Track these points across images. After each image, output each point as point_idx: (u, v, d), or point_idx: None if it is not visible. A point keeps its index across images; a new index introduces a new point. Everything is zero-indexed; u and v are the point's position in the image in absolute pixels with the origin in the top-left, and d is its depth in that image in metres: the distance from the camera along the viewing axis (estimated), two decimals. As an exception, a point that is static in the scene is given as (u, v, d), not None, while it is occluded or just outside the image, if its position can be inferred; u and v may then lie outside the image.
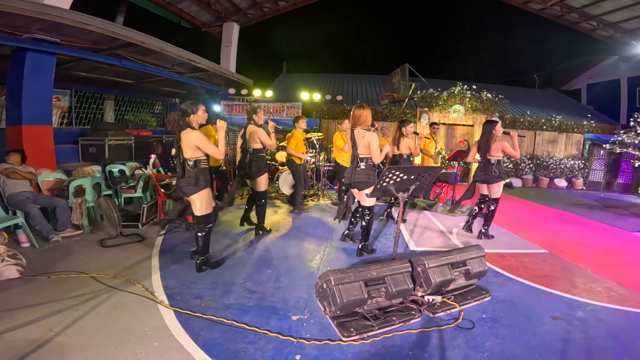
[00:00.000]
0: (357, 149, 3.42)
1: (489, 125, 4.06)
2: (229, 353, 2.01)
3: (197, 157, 2.90)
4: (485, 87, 10.03)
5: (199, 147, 2.86)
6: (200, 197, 2.95)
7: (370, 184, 3.38)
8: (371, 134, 3.35)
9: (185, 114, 2.88)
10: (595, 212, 6.28)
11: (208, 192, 3.00)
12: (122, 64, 5.83)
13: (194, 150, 2.86)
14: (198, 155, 2.90)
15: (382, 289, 2.42)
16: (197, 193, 2.92)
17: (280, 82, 13.89)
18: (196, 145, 2.84)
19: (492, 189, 4.14)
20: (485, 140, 4.06)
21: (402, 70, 10.30)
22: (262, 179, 3.97)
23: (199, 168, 2.91)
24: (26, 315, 2.28)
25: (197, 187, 2.91)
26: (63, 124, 7.46)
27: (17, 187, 3.76)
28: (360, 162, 3.41)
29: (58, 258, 3.30)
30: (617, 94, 13.03)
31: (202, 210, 2.99)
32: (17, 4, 3.58)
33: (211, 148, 2.91)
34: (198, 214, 2.99)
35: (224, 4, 10.63)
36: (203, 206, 2.98)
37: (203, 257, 3.11)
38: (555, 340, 2.23)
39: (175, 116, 2.88)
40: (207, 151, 2.91)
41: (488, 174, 4.09)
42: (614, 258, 3.85)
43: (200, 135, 2.86)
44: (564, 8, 10.55)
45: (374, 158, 3.37)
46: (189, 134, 2.83)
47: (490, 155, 4.05)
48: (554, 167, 9.62)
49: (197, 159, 2.90)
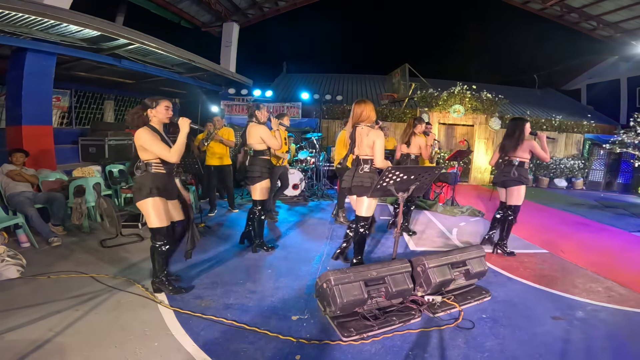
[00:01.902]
0: (358, 149, 2.98)
1: (521, 122, 3.58)
2: (229, 353, 2.01)
3: (148, 159, 2.48)
4: (485, 87, 10.03)
5: (145, 148, 2.43)
6: (144, 206, 2.48)
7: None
8: (376, 132, 2.90)
9: (145, 107, 2.51)
10: (595, 212, 6.28)
11: (154, 202, 2.48)
12: (122, 64, 5.84)
13: (142, 151, 2.46)
14: (148, 157, 2.48)
15: (382, 289, 2.42)
16: (139, 202, 2.50)
17: (280, 82, 13.88)
18: (141, 145, 2.43)
19: (510, 193, 3.62)
20: (516, 139, 3.55)
21: (402, 70, 10.30)
22: (262, 186, 3.48)
23: (148, 172, 2.48)
24: (26, 315, 2.28)
25: (140, 195, 2.47)
26: (63, 124, 7.47)
27: (18, 187, 3.76)
28: (364, 164, 2.96)
29: (58, 258, 3.30)
30: (617, 94, 13.02)
31: (150, 222, 2.51)
32: (17, 4, 3.58)
33: (158, 149, 2.43)
34: (149, 226, 2.55)
35: (224, 4, 10.63)
36: (149, 218, 2.51)
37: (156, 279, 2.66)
38: (555, 340, 2.23)
39: (135, 110, 2.53)
40: (154, 152, 2.44)
41: (506, 176, 3.60)
42: (614, 258, 3.85)
43: (145, 133, 2.42)
44: (563, 8, 10.56)
45: (376, 161, 2.92)
46: (138, 133, 2.43)
47: (514, 155, 3.58)
48: (554, 167, 9.62)
49: (148, 161, 2.49)
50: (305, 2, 11.81)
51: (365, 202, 2.96)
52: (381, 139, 2.88)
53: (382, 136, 2.90)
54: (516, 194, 3.60)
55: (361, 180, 2.94)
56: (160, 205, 2.51)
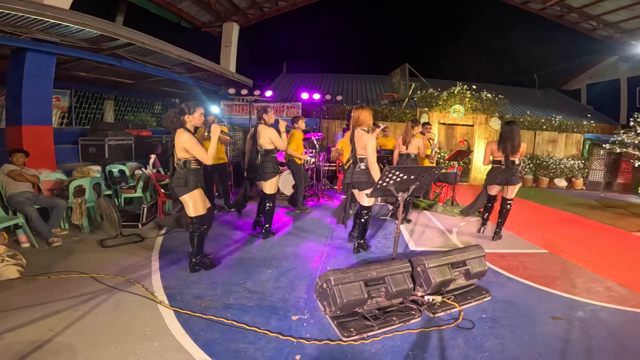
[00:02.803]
0: (355, 149, 3.40)
1: (517, 126, 4.03)
2: (229, 353, 2.01)
3: (187, 157, 2.90)
4: (485, 87, 10.02)
5: (187, 150, 2.86)
6: (192, 197, 2.93)
7: (370, 184, 3.35)
8: (369, 136, 3.32)
9: (182, 113, 2.89)
10: (595, 212, 6.28)
11: (199, 193, 2.98)
12: (122, 64, 5.84)
13: (183, 152, 2.86)
14: (187, 156, 2.89)
15: (382, 289, 2.42)
16: (187, 194, 2.91)
17: (280, 82, 13.88)
18: (184, 148, 2.84)
19: (513, 190, 4.15)
20: (517, 142, 3.99)
21: (402, 70, 10.30)
22: (273, 181, 3.90)
23: (188, 168, 2.90)
24: (26, 315, 2.28)
25: (187, 188, 2.89)
26: (63, 124, 7.47)
27: (18, 187, 3.75)
28: (360, 162, 3.40)
29: (58, 258, 3.30)
30: (617, 94, 13.03)
31: (195, 211, 2.97)
32: (17, 4, 3.58)
33: (200, 152, 2.87)
34: (191, 215, 2.99)
35: (224, 4, 10.63)
36: (195, 207, 2.96)
37: (196, 258, 3.10)
38: (555, 340, 2.23)
39: (172, 114, 2.90)
40: (195, 155, 2.88)
41: (514, 175, 4.07)
42: (614, 258, 3.85)
43: (191, 138, 2.85)
44: (563, 8, 10.56)
45: (368, 161, 3.32)
46: (180, 135, 2.83)
47: (515, 156, 4.03)
48: (553, 167, 9.62)
49: (187, 159, 2.90)
50: (305, 2, 11.81)
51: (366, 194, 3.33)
52: (372, 142, 3.28)
53: (373, 140, 3.29)
54: (516, 190, 4.19)
55: (359, 177, 3.37)
56: (202, 196, 3.00)
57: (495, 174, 4.18)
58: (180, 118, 2.88)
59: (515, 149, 4.00)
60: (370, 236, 4.30)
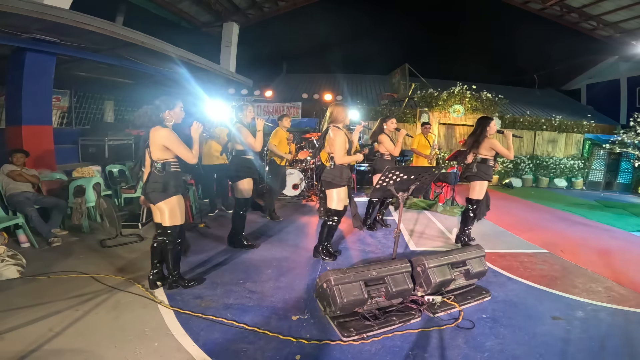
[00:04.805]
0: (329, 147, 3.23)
1: (484, 120, 3.80)
2: (229, 353, 2.01)
3: (166, 158, 2.52)
4: (485, 87, 10.02)
5: (168, 148, 2.49)
6: (169, 204, 2.54)
7: (334, 185, 3.20)
8: (335, 131, 3.13)
9: (160, 109, 2.51)
10: (595, 212, 6.28)
11: (179, 200, 2.60)
12: (122, 64, 5.84)
13: (162, 151, 2.49)
14: (167, 156, 2.52)
15: (382, 289, 2.41)
16: (164, 200, 2.53)
17: (280, 82, 13.88)
18: (164, 145, 2.47)
19: (472, 187, 3.85)
20: (477, 136, 3.77)
21: (402, 70, 10.30)
22: (243, 184, 3.56)
23: (167, 172, 2.52)
24: (26, 315, 2.28)
25: (165, 194, 2.51)
26: (63, 124, 7.47)
27: (18, 187, 3.75)
28: (330, 160, 3.22)
29: (58, 258, 3.30)
30: (617, 94, 13.02)
31: (171, 221, 2.58)
32: (17, 4, 3.58)
33: (182, 150, 2.52)
34: (166, 224, 2.59)
35: (224, 4, 10.63)
36: (172, 215, 2.58)
37: (173, 275, 2.73)
38: (555, 340, 2.23)
39: (147, 109, 2.52)
40: (177, 153, 2.52)
41: (467, 171, 3.83)
42: (614, 258, 3.85)
43: (171, 134, 2.49)
44: (563, 8, 10.56)
45: (335, 158, 3.14)
46: (158, 131, 2.46)
47: (476, 152, 3.78)
48: (553, 167, 9.62)
49: (166, 161, 2.53)
50: (305, 2, 11.81)
51: (333, 194, 3.23)
52: (339, 138, 3.09)
53: (340, 135, 3.10)
54: (477, 188, 3.83)
55: (325, 175, 3.21)
56: (180, 203, 2.62)
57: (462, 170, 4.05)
58: (158, 115, 2.51)
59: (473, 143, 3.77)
60: (371, 236, 4.30)
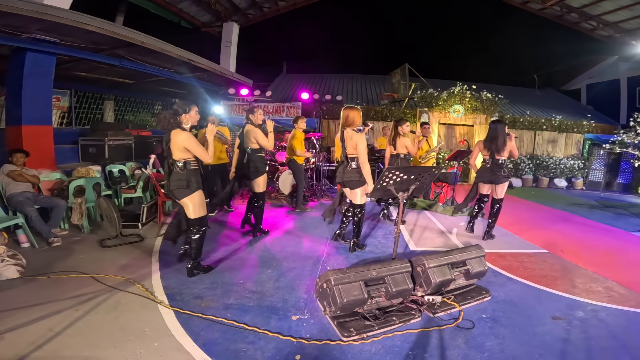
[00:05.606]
0: (346, 149, 3.45)
1: (502, 125, 4.01)
2: (229, 353, 2.01)
3: (186, 158, 2.82)
4: (485, 87, 10.02)
5: (188, 149, 2.79)
6: (193, 199, 2.87)
7: (361, 183, 3.45)
8: (359, 135, 3.39)
9: (177, 113, 2.82)
10: (595, 212, 6.28)
11: (200, 194, 2.93)
12: (122, 64, 5.84)
13: (182, 152, 2.79)
14: (187, 156, 2.82)
15: (382, 289, 2.42)
16: (189, 196, 2.85)
17: (280, 82, 13.88)
18: (185, 147, 2.77)
19: (501, 189, 4.13)
20: (502, 141, 3.97)
21: (402, 70, 10.29)
22: (261, 180, 3.93)
23: (188, 170, 2.83)
24: (26, 315, 2.28)
25: (189, 190, 2.83)
26: (63, 124, 7.47)
27: (18, 187, 3.75)
28: (351, 161, 3.44)
29: (58, 258, 3.30)
30: (617, 94, 13.02)
31: (196, 213, 2.91)
32: (17, 4, 3.58)
33: (200, 151, 2.82)
34: (191, 217, 2.92)
35: (224, 4, 10.63)
36: (196, 209, 2.91)
37: (194, 261, 3.03)
38: (555, 340, 2.23)
39: (167, 114, 2.83)
40: (196, 154, 2.82)
41: (497, 174, 4.05)
42: (614, 258, 3.85)
43: (190, 137, 2.79)
44: (563, 8, 10.56)
45: (360, 160, 3.40)
46: (178, 134, 2.76)
47: (500, 155, 4.01)
48: (553, 167, 9.62)
49: (187, 160, 2.82)
50: (305, 2, 11.80)
51: (357, 192, 3.50)
52: (362, 142, 3.38)
53: (363, 139, 3.39)
54: (504, 189, 4.16)
55: (350, 176, 3.45)
56: (202, 197, 2.95)
57: (481, 172, 4.22)
58: (176, 118, 2.82)
59: (499, 148, 3.99)
60: (370, 236, 4.30)
